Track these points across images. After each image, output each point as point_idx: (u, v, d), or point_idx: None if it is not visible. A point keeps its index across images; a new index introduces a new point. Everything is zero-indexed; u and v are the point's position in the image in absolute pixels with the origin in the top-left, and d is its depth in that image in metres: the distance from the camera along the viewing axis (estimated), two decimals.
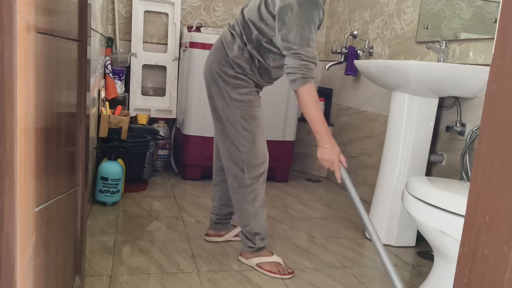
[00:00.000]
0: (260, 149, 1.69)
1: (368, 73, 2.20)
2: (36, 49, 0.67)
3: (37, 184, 0.72)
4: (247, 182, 1.69)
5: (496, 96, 0.50)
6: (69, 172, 1.00)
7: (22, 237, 0.64)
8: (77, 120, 1.08)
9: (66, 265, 1.04)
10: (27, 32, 0.62)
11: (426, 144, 2.09)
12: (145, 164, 2.74)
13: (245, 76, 1.64)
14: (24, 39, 0.60)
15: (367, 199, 2.80)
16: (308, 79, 1.48)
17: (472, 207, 0.53)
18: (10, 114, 0.59)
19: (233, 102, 1.64)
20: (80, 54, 1.07)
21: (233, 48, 1.62)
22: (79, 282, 1.18)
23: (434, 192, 1.45)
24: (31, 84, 0.65)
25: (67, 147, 0.98)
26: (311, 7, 1.44)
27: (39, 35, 0.69)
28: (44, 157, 0.76)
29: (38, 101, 0.70)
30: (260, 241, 1.76)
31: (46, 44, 0.74)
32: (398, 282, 1.38)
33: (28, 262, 0.68)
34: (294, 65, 1.48)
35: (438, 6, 2.27)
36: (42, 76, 0.72)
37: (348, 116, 3.14)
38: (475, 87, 1.96)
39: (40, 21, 0.70)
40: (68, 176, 1.00)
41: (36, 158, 0.70)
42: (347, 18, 3.21)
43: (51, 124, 0.82)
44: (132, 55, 3.05)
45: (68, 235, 1.05)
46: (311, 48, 1.48)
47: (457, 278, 0.55)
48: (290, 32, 1.46)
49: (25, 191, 0.65)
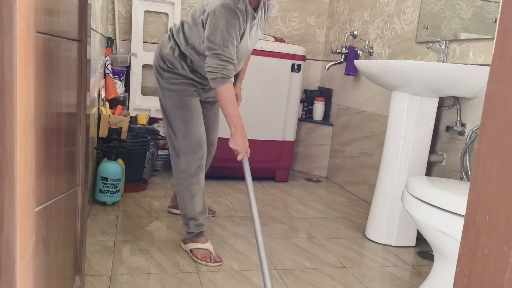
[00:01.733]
0: (194, 137, 1.81)
1: (368, 73, 2.20)
2: (36, 49, 0.67)
3: (37, 184, 0.72)
4: (181, 167, 1.82)
5: (496, 96, 0.50)
6: (69, 172, 1.00)
7: (22, 237, 0.64)
8: (77, 120, 1.08)
9: (66, 265, 1.04)
10: (27, 32, 0.62)
11: (426, 144, 2.09)
12: (145, 164, 2.74)
13: (176, 70, 1.82)
14: (24, 39, 0.60)
15: (367, 199, 2.80)
16: (226, 79, 1.65)
17: (472, 207, 0.53)
18: (10, 114, 0.59)
19: (166, 92, 1.83)
20: (80, 54, 1.07)
21: (166, 47, 1.83)
22: (79, 282, 1.18)
23: (434, 192, 1.45)
24: (31, 84, 0.65)
25: (67, 147, 0.98)
26: (231, 14, 1.62)
27: (39, 35, 0.69)
28: (44, 157, 0.76)
29: (38, 101, 0.70)
30: (195, 227, 1.84)
31: (46, 44, 0.74)
32: (268, 279, 1.44)
33: (28, 262, 0.68)
34: (214, 65, 1.64)
35: (438, 6, 2.27)
36: (42, 76, 0.72)
37: (348, 116, 3.14)
38: (475, 87, 1.96)
39: (40, 21, 0.70)
40: (68, 176, 0.99)
41: (36, 158, 0.70)
42: (347, 18, 3.21)
43: (51, 124, 0.82)
44: (132, 55, 3.05)
45: (68, 235, 1.05)
46: (230, 49, 1.64)
47: (457, 278, 0.55)
48: (212, 33, 1.63)
49: (25, 191, 0.65)
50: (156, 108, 3.12)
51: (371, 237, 2.18)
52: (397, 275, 1.83)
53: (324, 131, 3.37)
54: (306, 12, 3.49)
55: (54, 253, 0.90)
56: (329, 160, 3.37)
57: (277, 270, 1.77)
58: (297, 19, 3.48)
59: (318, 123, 3.38)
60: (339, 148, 3.23)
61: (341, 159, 3.20)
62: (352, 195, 2.98)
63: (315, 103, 3.37)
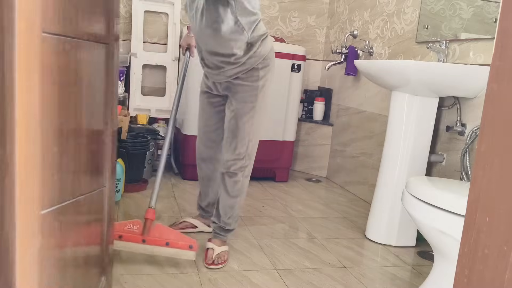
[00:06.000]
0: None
1: (368, 73, 2.20)
2: (44, 49, 0.67)
3: (46, 185, 0.71)
4: (249, 172, 1.88)
5: (496, 96, 0.50)
6: (92, 173, 0.99)
7: (23, 238, 0.64)
8: (103, 120, 1.07)
9: (89, 265, 1.04)
10: (30, 32, 0.62)
11: (426, 144, 2.09)
12: (145, 164, 2.74)
13: None
14: (25, 39, 0.60)
15: (367, 199, 2.80)
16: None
17: (472, 207, 0.53)
18: (10, 114, 0.59)
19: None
20: (108, 57, 1.05)
21: None
22: (105, 282, 1.17)
23: (434, 192, 1.45)
24: (35, 84, 0.65)
25: (91, 148, 0.97)
26: None
27: (48, 35, 0.68)
28: (57, 159, 0.75)
29: (47, 101, 0.69)
30: (236, 223, 1.91)
31: (59, 45, 0.73)
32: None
33: (30, 263, 0.68)
34: None
35: (438, 6, 2.27)
36: (54, 77, 0.71)
37: (348, 116, 3.14)
38: (475, 87, 1.96)
39: (51, 22, 0.69)
40: (92, 177, 0.98)
41: (43, 159, 0.69)
42: (347, 18, 3.21)
43: (69, 125, 0.81)
44: (132, 55, 3.05)
45: (92, 236, 1.04)
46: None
47: (457, 278, 0.55)
48: None
49: (27, 192, 0.64)
50: (156, 108, 3.12)
51: (371, 237, 2.18)
52: (397, 275, 1.83)
53: (324, 131, 3.37)
54: (306, 12, 3.49)
55: (72, 253, 0.89)
56: (329, 160, 3.37)
57: (277, 270, 1.77)
58: (297, 19, 3.47)
59: (318, 123, 3.38)
60: (339, 148, 3.23)
61: (341, 159, 3.20)
62: (352, 195, 2.98)
63: (315, 103, 3.37)
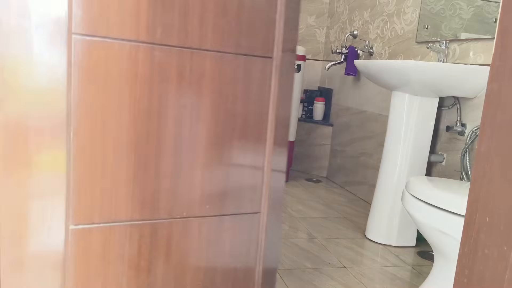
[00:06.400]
0: None
1: (368, 73, 2.20)
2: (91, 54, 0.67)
3: (84, 202, 0.74)
4: None
5: (496, 96, 0.50)
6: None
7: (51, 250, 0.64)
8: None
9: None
10: (65, 34, 0.61)
11: (426, 144, 2.09)
12: None
13: None
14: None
15: (367, 199, 2.80)
16: None
17: (472, 207, 0.53)
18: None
19: None
20: (269, 72, 0.92)
21: None
22: None
23: (434, 192, 1.45)
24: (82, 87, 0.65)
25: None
26: None
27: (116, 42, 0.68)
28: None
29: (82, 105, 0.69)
30: None
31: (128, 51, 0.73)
32: None
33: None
34: None
35: (438, 6, 2.27)
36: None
37: (348, 116, 3.14)
38: (475, 87, 1.96)
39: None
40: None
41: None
42: (347, 18, 3.21)
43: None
44: None
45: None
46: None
47: (457, 278, 0.55)
48: None
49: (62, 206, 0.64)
50: None
51: (371, 237, 2.18)
52: (397, 275, 1.83)
53: (324, 131, 3.37)
54: (306, 12, 3.49)
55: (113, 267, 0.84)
56: (329, 160, 3.37)
57: (277, 270, 1.77)
58: None
59: (318, 123, 3.38)
60: (339, 148, 3.23)
61: (341, 159, 3.20)
62: (352, 195, 2.98)
63: (315, 103, 3.37)
